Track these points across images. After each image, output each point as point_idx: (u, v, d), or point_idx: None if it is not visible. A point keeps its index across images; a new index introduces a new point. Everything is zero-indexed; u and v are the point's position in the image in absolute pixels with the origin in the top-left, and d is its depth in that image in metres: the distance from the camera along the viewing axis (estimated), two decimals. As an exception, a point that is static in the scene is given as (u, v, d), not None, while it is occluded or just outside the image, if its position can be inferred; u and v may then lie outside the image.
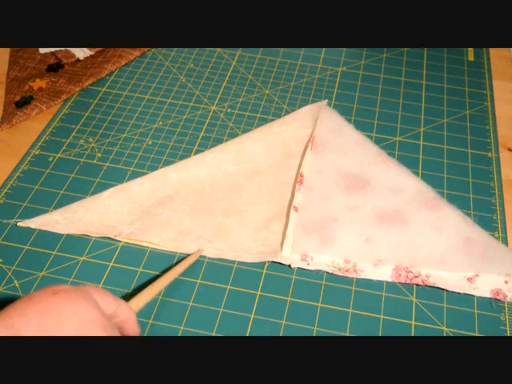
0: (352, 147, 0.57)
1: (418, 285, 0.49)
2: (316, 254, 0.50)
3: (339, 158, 0.56)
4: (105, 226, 0.52)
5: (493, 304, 0.48)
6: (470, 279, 0.48)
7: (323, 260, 0.50)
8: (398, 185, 0.54)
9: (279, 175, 0.56)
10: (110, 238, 0.51)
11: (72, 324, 0.34)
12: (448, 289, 0.48)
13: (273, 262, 0.50)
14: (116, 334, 0.36)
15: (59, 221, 0.52)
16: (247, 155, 0.58)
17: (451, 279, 0.49)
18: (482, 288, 0.48)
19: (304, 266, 0.49)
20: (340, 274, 0.49)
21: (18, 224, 0.52)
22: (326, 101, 0.63)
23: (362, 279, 0.49)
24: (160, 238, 0.51)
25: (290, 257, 0.50)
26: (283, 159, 0.58)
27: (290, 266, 0.50)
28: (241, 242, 0.51)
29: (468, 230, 0.51)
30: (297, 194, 0.53)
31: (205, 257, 0.50)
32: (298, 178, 0.55)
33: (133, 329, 0.40)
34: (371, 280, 0.49)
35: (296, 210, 0.52)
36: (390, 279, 0.49)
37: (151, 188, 0.54)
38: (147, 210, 0.53)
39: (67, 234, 0.51)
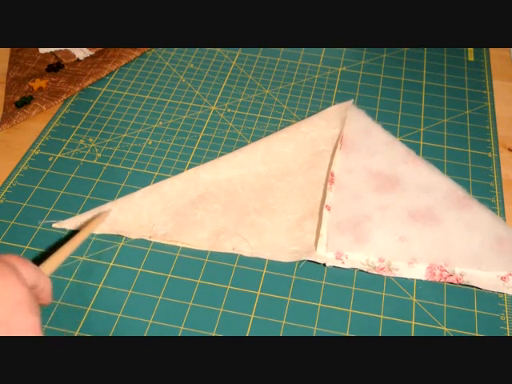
0: (380, 147, 0.58)
1: (451, 283, 0.49)
2: (350, 252, 0.50)
3: (368, 158, 0.57)
4: (139, 225, 0.52)
5: None
6: (503, 278, 0.49)
7: (358, 258, 0.50)
8: (428, 184, 0.55)
9: (309, 175, 0.57)
10: (110, 238, 0.51)
11: (2, 305, 0.33)
12: (482, 287, 0.48)
13: (275, 261, 0.50)
14: (37, 309, 0.36)
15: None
16: (276, 155, 0.58)
17: (485, 278, 0.49)
18: None
19: (339, 264, 0.50)
20: (375, 272, 0.49)
21: (53, 225, 0.52)
22: (352, 100, 0.63)
23: (362, 278, 0.49)
24: (195, 238, 0.51)
25: (325, 255, 0.50)
26: (312, 159, 0.58)
27: (324, 264, 0.50)
28: (275, 241, 0.51)
29: (500, 228, 0.51)
30: (328, 193, 0.54)
31: (204, 257, 0.50)
32: (329, 178, 0.55)
33: (47, 298, 0.40)
34: (371, 280, 0.49)
35: (329, 209, 0.53)
36: (424, 278, 0.49)
37: (183, 188, 0.55)
38: (180, 210, 0.53)
39: (67, 234, 0.51)
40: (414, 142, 0.61)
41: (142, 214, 0.53)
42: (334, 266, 0.50)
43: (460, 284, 0.49)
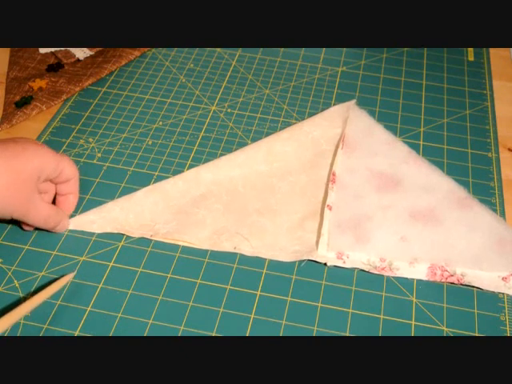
0: (382, 147, 0.58)
1: (452, 283, 0.49)
2: (352, 252, 0.50)
3: (370, 158, 0.57)
4: (141, 224, 0.52)
5: None
6: (504, 278, 0.49)
7: (359, 258, 0.50)
8: (429, 184, 0.55)
9: (311, 175, 0.57)
10: (110, 238, 0.51)
11: None
12: (483, 288, 0.48)
13: (273, 260, 0.50)
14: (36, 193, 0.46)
15: (95, 220, 0.52)
16: (278, 155, 0.58)
17: (486, 278, 0.49)
18: None
19: (340, 264, 0.49)
20: (376, 272, 0.49)
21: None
22: (354, 101, 0.63)
23: (362, 278, 0.49)
24: (196, 237, 0.51)
25: (326, 255, 0.50)
26: (314, 159, 0.58)
27: (325, 264, 0.50)
28: (276, 241, 0.51)
29: (501, 229, 0.51)
30: (330, 192, 0.54)
31: (204, 257, 0.50)
32: (331, 177, 0.55)
33: (71, 184, 0.51)
34: (371, 280, 0.49)
35: (330, 209, 0.53)
36: (425, 278, 0.49)
37: (185, 187, 0.55)
38: (182, 209, 0.53)
39: (67, 234, 0.51)
40: (414, 142, 0.61)
41: (143, 213, 0.53)
42: (335, 266, 0.50)
43: (460, 284, 0.49)
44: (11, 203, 0.45)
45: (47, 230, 0.51)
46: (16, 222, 0.52)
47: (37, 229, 0.51)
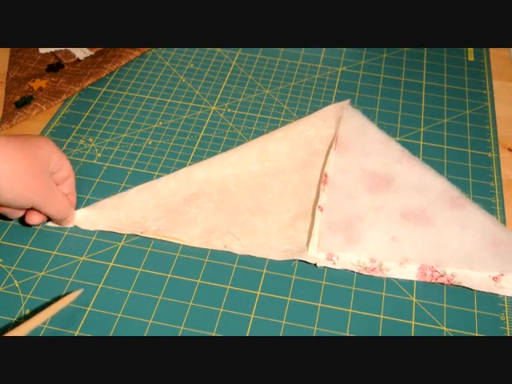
0: (375, 146, 0.58)
1: (442, 284, 0.49)
2: (342, 253, 0.50)
3: (363, 158, 0.57)
4: (131, 222, 0.52)
5: None
6: (495, 278, 0.48)
7: (349, 259, 0.50)
8: (422, 184, 0.54)
9: (304, 174, 0.57)
10: (110, 238, 0.51)
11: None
12: (474, 288, 0.48)
13: (273, 260, 0.50)
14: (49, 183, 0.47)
15: (88, 217, 0.52)
16: (271, 154, 0.58)
17: (477, 278, 0.48)
18: (508, 287, 0.48)
19: (330, 265, 0.49)
20: (366, 273, 0.49)
21: (48, 224, 0.52)
22: (349, 100, 0.63)
23: (362, 278, 0.49)
24: (187, 235, 0.51)
25: (316, 256, 0.50)
26: (307, 158, 0.58)
27: (315, 265, 0.50)
28: (267, 240, 0.51)
29: (493, 228, 0.51)
30: (322, 193, 0.54)
31: (204, 257, 0.50)
32: (323, 178, 0.55)
33: (70, 184, 0.51)
34: (371, 280, 0.49)
35: (321, 210, 0.52)
36: (415, 278, 0.49)
37: (176, 186, 0.55)
38: (173, 207, 0.53)
39: (67, 234, 0.51)
40: (413, 142, 0.61)
41: (134, 211, 0.53)
42: (324, 267, 0.50)
43: (451, 284, 0.49)
44: (32, 188, 0.45)
45: (54, 224, 0.52)
46: (16, 222, 0.52)
47: (49, 217, 0.51)
